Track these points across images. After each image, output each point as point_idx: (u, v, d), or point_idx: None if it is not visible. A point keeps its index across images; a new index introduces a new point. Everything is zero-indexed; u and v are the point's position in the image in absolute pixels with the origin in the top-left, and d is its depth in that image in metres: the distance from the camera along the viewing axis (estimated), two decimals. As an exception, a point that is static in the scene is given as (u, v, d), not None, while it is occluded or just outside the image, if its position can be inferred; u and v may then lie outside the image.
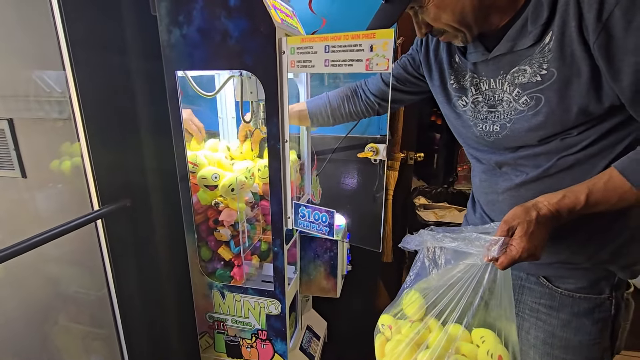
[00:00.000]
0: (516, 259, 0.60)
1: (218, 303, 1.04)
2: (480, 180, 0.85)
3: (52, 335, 1.18)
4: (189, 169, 0.95)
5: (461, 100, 0.81)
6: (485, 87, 0.75)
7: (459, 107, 0.82)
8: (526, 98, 0.68)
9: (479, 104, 0.77)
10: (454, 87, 0.81)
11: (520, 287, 0.82)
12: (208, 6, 0.81)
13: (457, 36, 0.72)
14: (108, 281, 0.94)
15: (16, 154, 1.00)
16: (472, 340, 0.70)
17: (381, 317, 0.79)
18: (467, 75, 0.78)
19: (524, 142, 0.72)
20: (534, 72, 0.66)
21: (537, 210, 0.62)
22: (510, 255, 0.60)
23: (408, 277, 0.80)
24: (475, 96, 0.77)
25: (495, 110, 0.74)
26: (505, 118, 0.72)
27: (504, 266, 0.61)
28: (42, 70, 0.94)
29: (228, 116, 1.20)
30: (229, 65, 0.84)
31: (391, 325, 0.75)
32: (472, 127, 0.79)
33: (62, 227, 0.79)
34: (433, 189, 1.87)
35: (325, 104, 1.06)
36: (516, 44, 0.67)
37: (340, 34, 0.72)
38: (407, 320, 0.73)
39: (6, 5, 0.91)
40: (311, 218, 0.90)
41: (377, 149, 0.79)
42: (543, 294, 0.78)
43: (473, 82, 0.77)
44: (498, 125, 0.74)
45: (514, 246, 0.60)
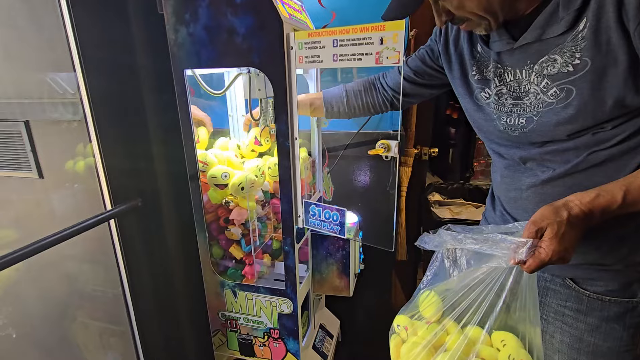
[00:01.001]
0: (546, 262, 0.56)
1: (230, 301, 1.04)
2: (502, 177, 0.81)
3: (71, 332, 1.21)
4: (199, 168, 0.95)
5: (484, 92, 0.76)
6: (510, 77, 0.71)
7: (481, 100, 0.78)
8: (556, 90, 0.64)
9: (502, 96, 0.73)
10: (476, 78, 0.77)
11: (544, 289, 0.78)
12: (214, 3, 0.79)
13: (480, 24, 0.68)
14: (122, 279, 0.96)
15: (33, 155, 1.02)
16: (492, 343, 0.67)
17: (397, 317, 0.77)
18: (490, 66, 0.74)
19: (552, 137, 0.67)
20: (565, 62, 0.62)
21: (568, 210, 0.58)
22: (540, 259, 0.56)
23: (425, 277, 0.78)
24: (499, 88, 0.73)
25: (520, 102, 0.70)
26: (532, 111, 0.68)
27: (532, 269, 0.57)
28: (54, 73, 0.95)
29: (238, 114, 1.19)
30: (236, 62, 0.83)
31: (407, 327, 0.73)
32: (496, 120, 0.75)
33: (76, 226, 0.80)
34: (448, 185, 1.82)
35: (342, 94, 1.03)
36: (545, 32, 0.63)
37: (349, 27, 0.70)
38: (424, 321, 0.71)
39: (18, 11, 0.92)
40: (322, 217, 0.88)
41: (389, 146, 0.77)
42: (569, 297, 0.74)
43: (497, 73, 0.73)
44: (524, 118, 0.70)
45: (543, 249, 0.56)
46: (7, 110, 1.00)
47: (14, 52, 0.96)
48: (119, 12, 0.84)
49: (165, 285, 1.05)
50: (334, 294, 1.13)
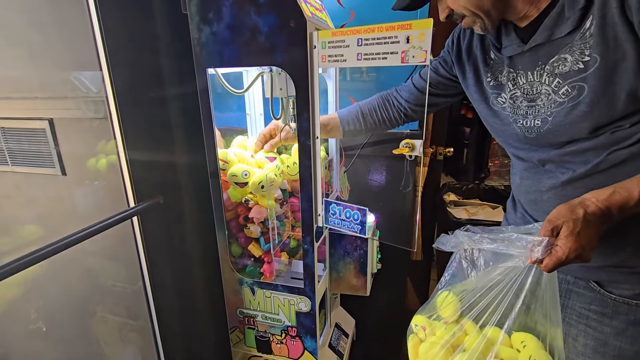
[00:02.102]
0: (563, 261, 0.55)
1: (248, 299, 1.05)
2: (522, 179, 0.80)
3: (92, 326, 1.23)
4: (219, 166, 0.96)
5: (500, 97, 0.77)
6: (522, 81, 0.72)
7: (497, 105, 0.78)
8: (567, 88, 0.64)
9: (517, 99, 0.74)
10: (491, 84, 0.78)
11: (567, 292, 0.77)
12: (237, 2, 0.80)
13: (475, 22, 0.70)
14: (143, 275, 0.97)
15: (56, 152, 1.04)
16: (511, 344, 0.66)
17: (414, 317, 0.77)
18: (504, 71, 0.75)
19: (569, 137, 0.67)
20: (575, 60, 0.63)
21: (584, 207, 0.57)
22: (556, 257, 0.56)
23: (443, 278, 0.78)
24: (513, 91, 0.74)
25: (534, 104, 0.71)
26: (546, 112, 0.69)
27: (549, 268, 0.57)
28: (79, 72, 0.96)
29: (256, 113, 1.20)
30: (259, 61, 0.83)
31: (425, 327, 0.73)
32: (512, 123, 0.76)
33: (101, 223, 0.81)
34: (464, 185, 1.80)
35: (357, 112, 1.04)
36: (554, 32, 0.64)
37: (374, 25, 0.70)
38: (442, 322, 0.71)
39: (45, 10, 0.94)
40: (342, 216, 0.88)
41: (413, 145, 0.76)
42: (593, 300, 0.73)
43: (510, 77, 0.74)
44: (539, 119, 0.70)
45: (559, 247, 0.56)
46: (32, 108, 1.02)
47: (41, 50, 0.97)
48: (144, 12, 0.85)
49: (185, 281, 1.06)
50: (351, 293, 1.13)
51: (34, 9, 0.94)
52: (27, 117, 1.02)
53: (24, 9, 0.94)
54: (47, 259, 0.70)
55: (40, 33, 0.96)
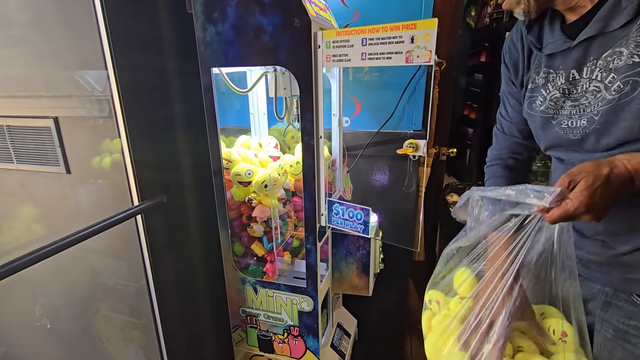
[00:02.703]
0: (570, 214, 0.52)
1: (251, 298, 1.05)
2: None
3: (94, 324, 1.24)
4: (223, 165, 0.96)
5: (538, 99, 0.75)
6: (561, 80, 0.69)
7: (534, 108, 0.76)
8: (619, 84, 0.61)
9: (559, 100, 0.70)
10: (530, 87, 0.76)
11: (605, 304, 0.73)
12: (242, 2, 0.80)
13: (519, 3, 0.66)
14: (147, 273, 0.97)
15: (61, 150, 1.04)
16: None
17: (428, 292, 0.76)
18: (541, 72, 0.73)
19: (616, 138, 0.63)
20: (630, 54, 0.59)
21: (611, 166, 0.53)
22: (564, 208, 0.52)
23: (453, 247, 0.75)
24: (553, 92, 0.71)
25: (578, 103, 0.67)
26: (592, 111, 0.65)
27: (554, 219, 0.54)
28: (84, 71, 0.97)
29: (260, 112, 1.20)
30: (263, 61, 0.84)
31: (439, 300, 0.72)
32: (555, 126, 0.72)
33: (105, 221, 0.81)
34: (466, 186, 1.80)
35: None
36: (608, 24, 0.60)
37: (379, 25, 0.70)
38: (458, 297, 0.69)
39: (51, 10, 0.94)
40: (345, 215, 0.88)
41: (417, 145, 0.76)
42: (634, 315, 0.68)
43: (549, 78, 0.71)
44: (585, 119, 0.66)
45: (570, 199, 0.52)
46: (37, 107, 1.03)
47: (46, 49, 0.98)
48: (149, 12, 0.86)
49: (188, 280, 1.07)
50: (353, 293, 1.13)
51: (40, 8, 0.94)
52: (32, 115, 1.03)
53: (30, 8, 0.95)
54: (52, 256, 0.71)
55: (46, 32, 0.96)
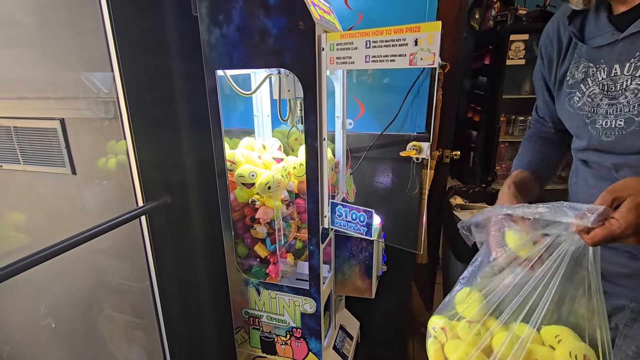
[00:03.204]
0: (616, 236, 0.48)
1: (254, 299, 1.06)
2: (588, 187, 0.73)
3: (98, 323, 1.25)
4: (227, 167, 0.96)
5: (577, 95, 0.71)
6: (602, 75, 0.65)
7: (572, 105, 0.72)
8: None
9: (596, 97, 0.67)
10: (569, 82, 0.72)
11: (631, 320, 0.69)
12: (247, 5, 0.81)
13: None
14: (150, 274, 0.98)
15: (67, 151, 1.05)
16: (542, 341, 0.60)
17: (432, 319, 0.70)
18: (581, 66, 0.69)
19: None
20: None
21: None
22: (610, 230, 0.48)
23: (466, 271, 0.70)
24: (592, 88, 0.67)
25: (616, 102, 0.64)
26: (632, 111, 0.62)
27: (595, 241, 0.49)
28: (90, 72, 0.98)
29: (263, 114, 1.20)
30: (267, 63, 0.84)
31: (445, 328, 0.66)
32: (589, 125, 0.69)
33: (110, 222, 0.82)
34: (470, 189, 1.79)
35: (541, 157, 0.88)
36: None
37: (382, 28, 0.70)
38: (465, 321, 0.64)
39: (58, 12, 0.96)
40: (348, 217, 0.88)
41: (420, 148, 0.76)
42: None
43: (589, 73, 0.68)
44: (622, 119, 0.63)
45: (616, 219, 0.48)
46: (44, 108, 1.04)
47: (54, 51, 0.99)
48: (155, 14, 0.87)
49: (191, 281, 1.07)
50: (356, 295, 1.13)
51: (47, 10, 0.95)
52: (39, 116, 1.04)
53: (38, 10, 0.96)
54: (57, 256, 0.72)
55: (54, 34, 0.97)
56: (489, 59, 2.29)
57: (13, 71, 1.04)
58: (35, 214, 1.16)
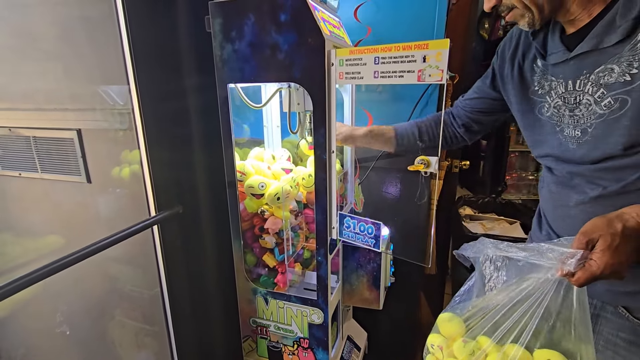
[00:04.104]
0: (597, 276, 0.53)
1: (262, 309, 1.06)
2: (551, 192, 0.80)
3: (109, 329, 1.27)
4: (237, 177, 0.98)
5: (546, 104, 0.77)
6: (561, 89, 0.71)
7: (544, 114, 0.78)
8: (610, 100, 0.63)
9: (560, 108, 0.73)
10: (539, 92, 0.78)
11: (594, 317, 0.74)
12: (259, 22, 0.83)
13: (524, 15, 0.69)
14: (161, 282, 1.00)
15: (83, 161, 1.09)
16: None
17: (430, 336, 0.75)
18: (547, 79, 0.75)
19: (603, 152, 0.66)
20: (622, 72, 0.61)
21: (622, 222, 0.55)
22: (590, 271, 0.53)
23: (458, 294, 0.76)
24: (556, 100, 0.74)
25: (573, 114, 0.70)
26: (586, 122, 0.68)
27: (580, 282, 0.54)
28: (107, 85, 1.01)
29: (273, 125, 1.22)
30: (278, 77, 0.86)
31: (442, 346, 0.71)
32: (558, 133, 0.75)
33: (123, 232, 0.84)
34: (479, 199, 1.78)
35: (414, 129, 1.05)
36: (602, 41, 0.63)
37: (391, 45, 0.71)
38: (461, 339, 0.68)
39: (79, 26, 1.00)
40: (356, 229, 0.89)
41: (429, 162, 0.76)
42: (622, 327, 0.70)
43: (552, 86, 0.74)
44: (579, 130, 0.70)
45: (594, 261, 0.53)
46: (62, 119, 1.08)
47: (72, 65, 1.03)
48: (171, 30, 0.90)
49: (201, 289, 1.09)
50: (364, 306, 1.13)
51: (68, 24, 0.99)
52: (57, 127, 1.07)
53: (59, 24, 1.00)
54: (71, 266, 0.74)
55: (73, 48, 1.01)
56: (498, 68, 2.28)
57: (34, 83, 1.08)
58: (51, 221, 1.20)
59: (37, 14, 1.00)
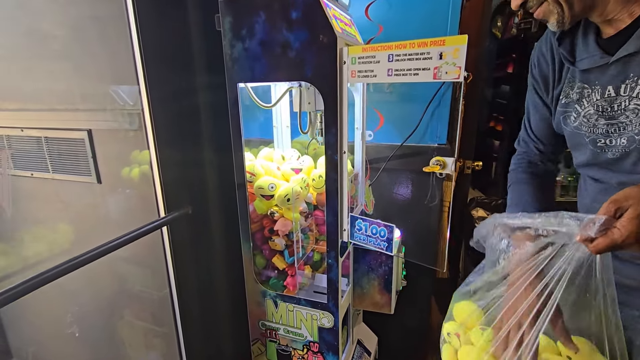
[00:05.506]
0: (618, 244, 0.49)
1: (271, 311, 1.05)
2: (594, 202, 0.74)
3: (118, 329, 1.27)
4: (247, 178, 0.97)
5: (573, 114, 0.72)
6: (596, 97, 0.67)
7: (569, 124, 0.73)
8: None
9: (592, 117, 0.68)
10: (563, 102, 0.74)
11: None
12: (269, 20, 0.82)
13: (553, 12, 0.64)
14: (170, 283, 0.99)
15: (93, 161, 1.08)
16: (559, 351, 0.61)
17: (445, 325, 0.73)
18: (575, 87, 0.70)
19: None
20: None
21: None
22: (612, 238, 0.49)
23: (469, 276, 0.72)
24: (587, 109, 0.69)
25: (617, 121, 0.65)
26: (633, 129, 0.63)
27: (599, 249, 0.51)
28: (117, 86, 1.01)
29: (283, 125, 1.21)
30: (289, 76, 0.84)
31: (458, 333, 0.69)
32: (589, 144, 0.70)
33: (132, 233, 0.84)
34: (493, 201, 1.74)
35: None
36: None
37: (406, 42, 0.69)
38: (479, 327, 0.66)
39: (90, 27, 0.99)
40: (368, 232, 0.87)
41: (445, 163, 0.74)
42: None
43: (584, 94, 0.69)
44: (625, 138, 0.65)
45: (618, 229, 0.50)
46: (73, 119, 1.08)
47: (84, 65, 1.03)
48: (180, 29, 0.89)
49: (210, 291, 1.08)
50: (375, 310, 1.10)
51: (79, 24, 0.99)
52: (67, 127, 1.08)
53: (70, 24, 1.00)
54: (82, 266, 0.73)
55: (85, 49, 1.01)
56: (512, 67, 2.23)
57: (45, 83, 1.09)
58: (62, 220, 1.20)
59: (47, 14, 1.01)
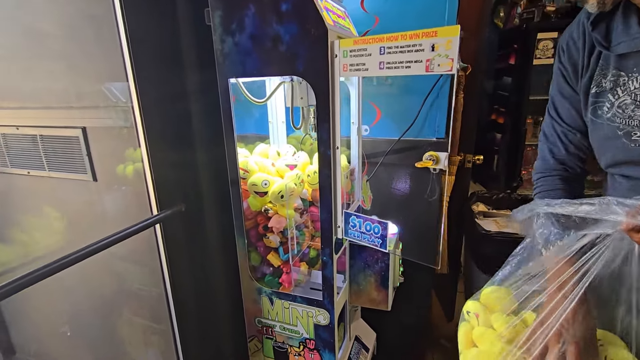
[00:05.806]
0: None
1: (267, 309, 1.04)
2: None
3: (117, 326, 1.27)
4: (240, 175, 0.96)
5: (605, 105, 0.67)
6: (635, 85, 0.62)
7: (601, 116, 0.68)
8: None
9: (628, 108, 0.63)
10: (594, 91, 0.68)
11: None
12: (259, 13, 0.80)
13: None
14: (164, 281, 0.99)
15: (88, 159, 1.08)
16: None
17: (467, 302, 0.72)
18: (609, 75, 0.65)
19: None
20: None
21: None
22: None
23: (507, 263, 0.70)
24: (623, 98, 0.64)
25: None
26: None
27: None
28: (110, 83, 1.00)
29: (278, 121, 1.19)
30: (280, 71, 0.83)
31: (478, 313, 0.68)
32: (623, 137, 0.65)
33: (124, 231, 0.83)
34: (493, 195, 1.72)
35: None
36: None
37: (397, 33, 0.67)
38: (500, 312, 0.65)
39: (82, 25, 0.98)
40: (362, 228, 0.86)
41: (438, 158, 0.72)
42: None
43: (619, 82, 0.64)
44: None
45: None
46: (67, 117, 1.07)
47: (77, 63, 1.02)
48: (169, 24, 0.87)
49: (205, 288, 1.07)
50: (372, 307, 1.09)
51: (71, 22, 0.98)
52: (62, 125, 1.07)
53: (63, 22, 0.99)
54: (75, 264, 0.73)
55: (78, 46, 1.00)
56: (514, 58, 2.19)
57: (40, 82, 1.08)
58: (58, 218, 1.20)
59: (41, 13, 1.00)
